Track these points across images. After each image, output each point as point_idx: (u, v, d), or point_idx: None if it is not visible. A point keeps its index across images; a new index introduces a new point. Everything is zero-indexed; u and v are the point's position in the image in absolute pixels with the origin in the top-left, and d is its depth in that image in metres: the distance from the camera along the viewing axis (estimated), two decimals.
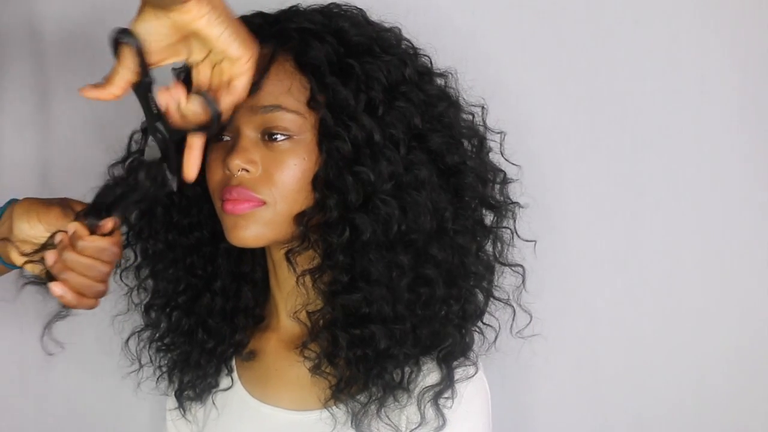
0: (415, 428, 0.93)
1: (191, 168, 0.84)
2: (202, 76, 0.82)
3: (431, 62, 1.01)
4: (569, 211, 1.18)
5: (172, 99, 0.81)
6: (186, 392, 1.07)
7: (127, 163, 1.00)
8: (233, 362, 1.06)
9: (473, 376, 0.95)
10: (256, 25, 0.94)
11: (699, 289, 1.19)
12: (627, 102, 1.17)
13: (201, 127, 0.82)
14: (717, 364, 1.20)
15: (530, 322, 1.06)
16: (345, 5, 0.97)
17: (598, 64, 1.17)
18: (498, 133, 1.04)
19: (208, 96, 0.80)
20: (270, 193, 0.90)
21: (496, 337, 1.02)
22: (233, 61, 0.79)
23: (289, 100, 0.90)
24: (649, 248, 1.19)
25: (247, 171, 0.90)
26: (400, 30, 0.99)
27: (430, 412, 0.92)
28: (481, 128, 1.02)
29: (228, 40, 0.78)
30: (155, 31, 0.78)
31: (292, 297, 0.98)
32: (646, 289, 1.19)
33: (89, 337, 1.22)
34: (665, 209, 1.18)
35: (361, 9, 0.98)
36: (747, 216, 1.18)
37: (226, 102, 0.82)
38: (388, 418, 0.93)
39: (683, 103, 1.17)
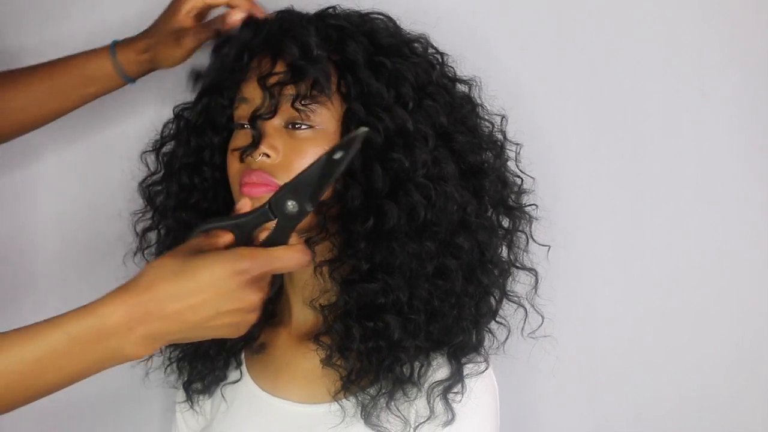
0: (424, 422, 0.93)
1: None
2: None
3: (455, 71, 1.04)
4: (581, 212, 1.19)
5: None
6: (194, 384, 1.08)
7: None
8: (242, 355, 1.07)
9: (483, 372, 0.96)
10: (292, 22, 0.96)
11: (711, 291, 1.19)
12: (637, 112, 1.18)
13: None
14: (730, 363, 1.20)
15: (542, 323, 1.07)
16: (379, 12, 1.00)
17: (605, 62, 1.18)
18: (515, 144, 1.06)
19: None
20: (287, 180, 0.90)
21: (507, 337, 1.03)
22: None
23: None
24: (658, 252, 1.19)
25: (268, 156, 0.91)
26: (427, 39, 1.02)
27: (439, 406, 0.93)
28: (500, 136, 1.05)
29: None
30: None
31: (307, 288, 0.98)
32: (656, 291, 1.20)
33: None
34: (674, 214, 1.19)
35: (391, 18, 1.01)
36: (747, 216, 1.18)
37: None
38: (398, 411, 0.93)
39: (683, 105, 1.17)
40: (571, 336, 1.18)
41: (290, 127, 0.93)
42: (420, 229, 0.92)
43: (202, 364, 1.06)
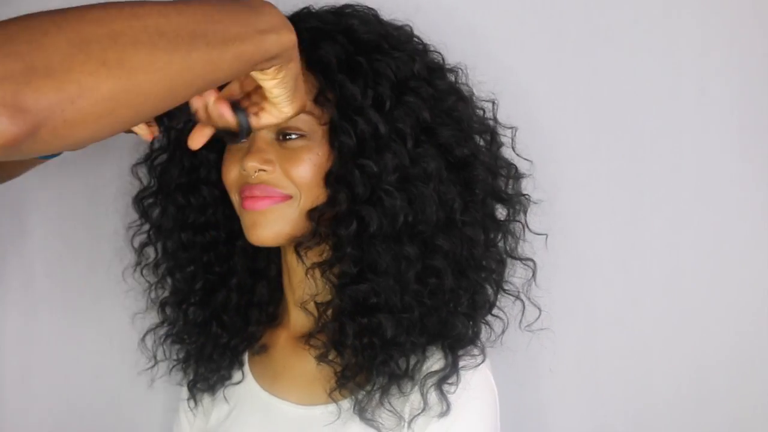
0: (419, 414, 0.92)
1: (197, 140, 0.82)
2: (234, 86, 0.81)
3: (443, 59, 1.02)
4: (580, 207, 1.19)
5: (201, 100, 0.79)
6: (198, 384, 1.09)
7: None
8: (245, 356, 1.08)
9: (479, 364, 0.95)
10: None
11: (711, 289, 1.20)
12: (635, 99, 1.18)
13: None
14: (730, 362, 1.20)
15: (539, 316, 1.07)
16: (357, 5, 0.99)
17: (606, 61, 1.18)
18: (509, 128, 1.05)
19: (244, 113, 0.79)
20: (293, 188, 0.92)
21: (503, 330, 1.03)
22: (278, 109, 0.79)
23: None
24: (657, 248, 1.20)
25: (265, 171, 0.92)
26: (410, 28, 1.01)
27: (433, 397, 0.92)
28: (492, 123, 1.03)
29: (283, 103, 0.78)
30: None
31: (300, 289, 0.99)
32: (655, 287, 1.20)
33: (103, 335, 1.23)
34: (673, 211, 1.19)
35: (372, 8, 0.99)
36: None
37: (263, 122, 0.80)
38: (392, 405, 0.93)
39: (684, 103, 1.18)
40: (569, 329, 1.18)
41: (281, 138, 0.93)
42: (400, 231, 0.92)
43: (207, 365, 1.07)
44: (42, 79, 0.56)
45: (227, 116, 0.77)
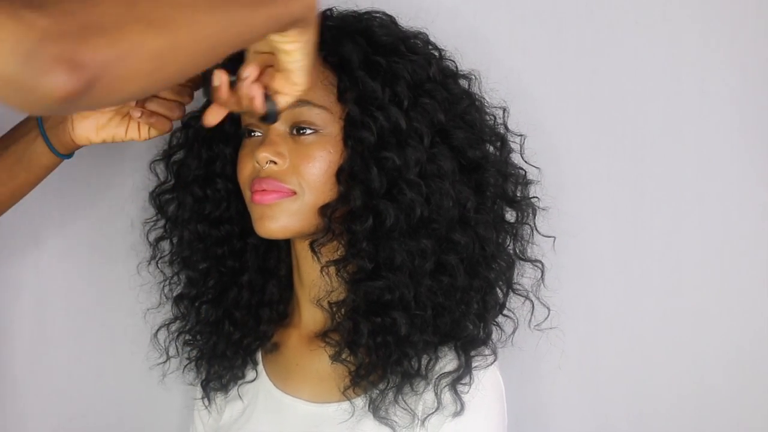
0: (432, 413, 0.94)
1: (213, 117, 0.83)
2: (251, 62, 0.82)
3: (456, 65, 1.04)
4: (585, 209, 1.20)
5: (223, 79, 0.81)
6: (212, 383, 1.10)
7: None
8: (258, 355, 1.09)
9: (491, 364, 0.97)
10: None
11: (712, 288, 1.21)
12: (635, 102, 1.19)
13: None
14: (731, 362, 1.21)
15: (548, 315, 1.08)
16: (376, 11, 1.01)
17: (606, 64, 1.19)
18: (519, 135, 1.07)
19: (271, 98, 0.82)
20: (298, 184, 0.93)
21: (514, 330, 1.04)
22: (291, 82, 0.82)
23: (317, 95, 0.94)
24: (663, 245, 1.21)
25: (275, 163, 0.93)
26: (426, 35, 1.02)
27: (447, 397, 0.94)
28: (502, 128, 1.05)
29: (299, 71, 0.81)
30: None
31: (314, 288, 1.00)
32: (659, 284, 1.21)
33: (118, 331, 1.24)
34: (676, 211, 1.20)
35: (390, 15, 1.01)
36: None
37: (283, 104, 0.83)
38: (405, 403, 0.94)
39: (686, 105, 1.18)
40: (577, 327, 1.19)
41: (295, 132, 0.94)
42: (417, 226, 0.93)
43: (220, 363, 1.08)
44: (96, 38, 0.59)
45: (258, 101, 0.80)
